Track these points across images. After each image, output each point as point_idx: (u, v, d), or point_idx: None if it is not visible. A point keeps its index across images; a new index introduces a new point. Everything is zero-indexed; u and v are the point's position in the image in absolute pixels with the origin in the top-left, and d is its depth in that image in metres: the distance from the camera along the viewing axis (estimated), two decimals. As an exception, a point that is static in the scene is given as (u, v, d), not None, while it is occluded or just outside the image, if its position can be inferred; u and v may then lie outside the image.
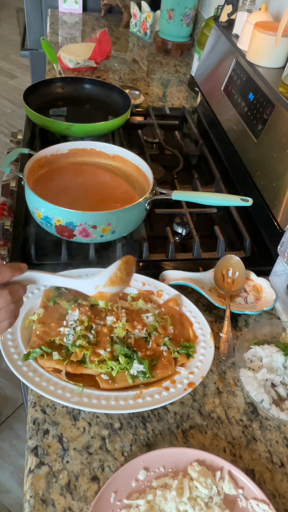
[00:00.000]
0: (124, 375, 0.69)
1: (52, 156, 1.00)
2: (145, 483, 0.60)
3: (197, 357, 0.74)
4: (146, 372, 0.69)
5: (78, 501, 0.59)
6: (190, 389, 0.69)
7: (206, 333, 0.77)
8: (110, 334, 0.73)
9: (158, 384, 0.69)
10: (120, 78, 1.64)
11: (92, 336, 0.72)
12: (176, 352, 0.73)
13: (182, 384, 0.69)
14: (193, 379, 0.70)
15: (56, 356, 0.69)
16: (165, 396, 0.67)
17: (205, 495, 0.58)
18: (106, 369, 0.69)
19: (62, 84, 1.34)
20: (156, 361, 0.72)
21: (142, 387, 0.69)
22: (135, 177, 1.01)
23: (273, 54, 1.07)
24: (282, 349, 0.76)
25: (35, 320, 0.75)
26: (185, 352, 0.74)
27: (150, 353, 0.72)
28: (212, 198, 0.93)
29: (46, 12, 2.15)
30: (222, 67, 1.28)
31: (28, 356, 0.70)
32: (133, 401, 0.66)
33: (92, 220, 0.83)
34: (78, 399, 0.65)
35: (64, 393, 0.66)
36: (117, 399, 0.66)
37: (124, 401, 0.66)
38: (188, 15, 1.76)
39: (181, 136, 1.29)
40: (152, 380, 0.70)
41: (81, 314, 0.75)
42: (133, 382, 0.69)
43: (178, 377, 0.71)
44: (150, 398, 0.67)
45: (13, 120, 3.26)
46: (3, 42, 4.30)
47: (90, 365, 0.69)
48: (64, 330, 0.73)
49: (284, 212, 0.91)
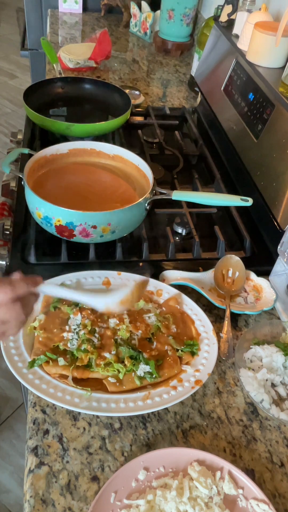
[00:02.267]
0: (131, 377, 0.69)
1: (52, 156, 1.00)
2: (145, 483, 0.60)
3: (201, 354, 0.74)
4: (153, 373, 0.69)
5: (78, 501, 0.59)
6: (198, 387, 0.69)
7: (209, 330, 0.77)
8: (114, 336, 0.73)
9: (166, 384, 0.69)
10: (120, 78, 1.64)
11: (97, 340, 0.72)
12: (181, 350, 0.74)
13: (189, 382, 0.70)
14: (199, 377, 0.71)
15: (62, 362, 0.69)
16: (174, 395, 0.68)
17: (205, 495, 0.58)
18: (112, 372, 0.69)
19: (62, 84, 1.34)
20: (162, 361, 0.72)
21: (150, 387, 0.69)
22: (135, 177, 1.00)
23: (273, 54, 1.07)
24: (282, 349, 0.76)
25: (37, 326, 0.74)
26: (190, 350, 0.74)
27: (155, 353, 0.72)
28: (212, 198, 0.93)
29: (46, 12, 2.15)
30: (222, 67, 1.28)
31: (33, 363, 0.69)
32: (142, 402, 0.66)
33: (92, 220, 0.83)
34: (87, 404, 0.65)
35: (73, 398, 0.65)
36: (126, 401, 0.66)
37: (134, 402, 0.66)
38: (188, 15, 1.76)
39: (181, 136, 1.29)
40: (159, 380, 0.70)
41: (83, 318, 0.74)
42: (140, 384, 0.69)
43: (185, 375, 0.71)
44: (159, 398, 0.67)
45: (13, 120, 3.26)
46: (3, 42, 4.30)
47: (97, 368, 0.69)
48: (68, 335, 0.72)
49: (284, 212, 0.91)
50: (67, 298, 0.66)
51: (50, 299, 0.78)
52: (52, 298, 0.79)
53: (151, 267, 0.90)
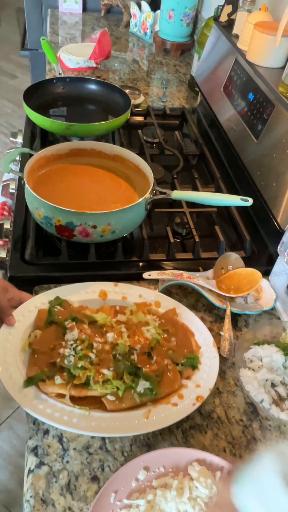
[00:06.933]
0: (130, 394, 0.66)
1: (52, 156, 1.00)
2: (145, 483, 0.60)
3: (202, 368, 0.71)
4: (153, 389, 0.66)
5: (78, 501, 0.59)
6: (199, 403, 0.66)
7: (209, 343, 0.75)
8: (112, 351, 0.70)
9: (166, 401, 0.67)
10: (120, 78, 1.64)
11: (94, 356, 0.68)
12: (181, 365, 0.71)
13: (191, 398, 0.67)
14: (200, 392, 0.68)
15: (58, 380, 0.65)
16: (175, 413, 0.65)
17: (205, 495, 0.58)
18: (111, 389, 0.65)
19: (62, 84, 1.34)
20: (162, 376, 0.68)
21: (150, 404, 0.66)
22: (135, 177, 1.00)
23: (273, 54, 1.07)
24: (282, 349, 0.76)
25: (32, 342, 0.71)
26: (190, 364, 0.71)
27: (154, 368, 0.69)
28: (212, 198, 0.93)
29: (46, 12, 2.15)
30: (222, 67, 1.28)
31: (29, 382, 0.65)
32: (143, 420, 0.64)
33: (92, 220, 0.83)
34: (86, 424, 0.62)
35: (71, 419, 0.62)
36: (126, 420, 0.63)
37: (134, 421, 0.63)
38: (188, 15, 1.76)
39: (181, 136, 1.29)
40: (159, 397, 0.67)
41: (80, 333, 0.71)
42: (140, 401, 0.66)
43: (185, 391, 0.68)
44: (160, 416, 0.64)
45: (13, 120, 3.25)
46: (3, 42, 4.29)
47: (95, 386, 0.65)
48: (64, 351, 0.68)
49: (284, 212, 0.91)
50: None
51: (45, 314, 0.75)
52: (47, 312, 0.75)
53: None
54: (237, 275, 0.88)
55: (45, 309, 0.75)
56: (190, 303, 0.86)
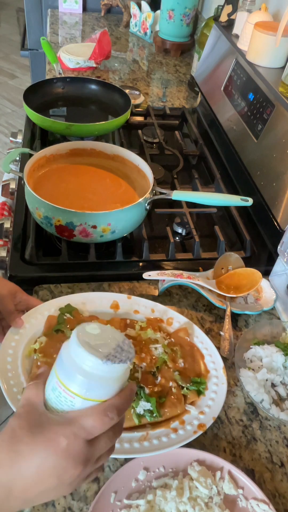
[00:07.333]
0: (129, 414, 0.63)
1: (52, 156, 1.00)
2: (145, 483, 0.60)
3: (208, 394, 0.68)
4: (154, 411, 0.63)
5: (78, 501, 0.59)
6: (200, 432, 0.63)
7: (219, 368, 0.71)
8: None
9: (166, 425, 0.63)
10: (120, 78, 1.64)
11: None
12: (186, 388, 0.67)
13: (192, 425, 0.64)
14: (203, 420, 0.64)
15: None
16: (173, 439, 0.62)
17: (205, 495, 0.58)
18: None
19: (62, 84, 1.34)
20: (164, 399, 0.65)
21: (149, 427, 0.63)
22: (135, 177, 1.00)
23: (273, 54, 1.07)
24: (282, 349, 0.76)
25: (37, 348, 0.68)
26: (196, 388, 0.67)
27: (158, 389, 0.65)
28: (212, 198, 0.93)
29: (46, 12, 2.15)
30: (222, 67, 1.28)
31: None
32: (138, 444, 0.60)
33: (92, 220, 0.83)
34: None
35: None
36: (121, 441, 0.60)
37: (129, 444, 0.60)
38: (188, 15, 1.76)
39: (181, 136, 1.29)
40: (159, 420, 0.63)
41: None
42: (139, 422, 0.63)
43: (188, 417, 0.65)
44: (157, 441, 0.61)
45: (13, 120, 3.26)
46: (3, 42, 4.30)
47: None
48: None
49: (284, 212, 0.91)
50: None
51: (54, 321, 0.72)
52: (57, 319, 0.72)
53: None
54: (237, 275, 0.88)
55: (55, 316, 0.73)
56: (190, 303, 0.86)
